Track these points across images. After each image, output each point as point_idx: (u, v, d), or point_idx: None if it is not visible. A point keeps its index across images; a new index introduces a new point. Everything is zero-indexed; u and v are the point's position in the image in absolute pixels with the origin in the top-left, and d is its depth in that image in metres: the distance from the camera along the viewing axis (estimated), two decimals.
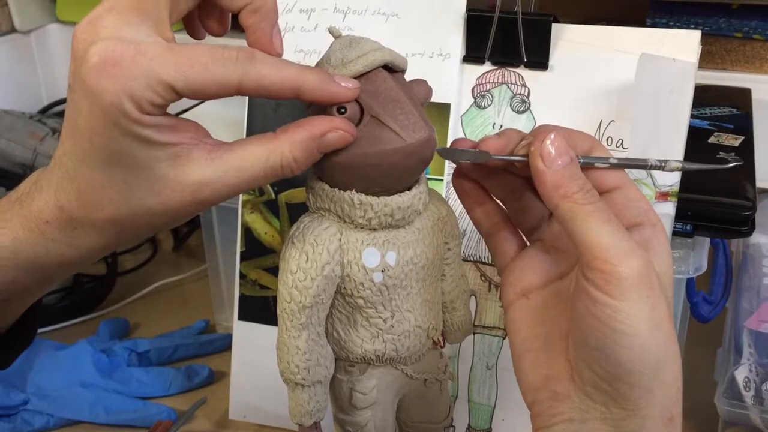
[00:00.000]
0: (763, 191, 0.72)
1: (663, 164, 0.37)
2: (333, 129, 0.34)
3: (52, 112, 1.05)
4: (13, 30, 1.03)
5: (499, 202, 0.41)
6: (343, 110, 0.34)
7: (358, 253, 0.37)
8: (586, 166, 0.36)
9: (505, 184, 0.39)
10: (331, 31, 0.38)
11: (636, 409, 0.33)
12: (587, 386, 0.34)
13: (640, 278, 0.32)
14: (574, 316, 0.34)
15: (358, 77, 0.36)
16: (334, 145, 0.35)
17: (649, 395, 0.33)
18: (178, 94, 0.32)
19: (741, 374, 0.61)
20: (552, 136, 0.34)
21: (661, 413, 0.33)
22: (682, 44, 0.55)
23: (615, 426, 0.34)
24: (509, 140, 0.37)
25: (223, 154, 0.34)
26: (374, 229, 0.37)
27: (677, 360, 0.34)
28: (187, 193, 0.34)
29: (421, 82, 0.38)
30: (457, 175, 0.40)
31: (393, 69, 0.37)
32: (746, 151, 0.65)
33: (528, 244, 0.41)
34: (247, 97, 0.65)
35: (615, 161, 0.36)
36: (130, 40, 0.31)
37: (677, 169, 0.37)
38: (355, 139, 0.35)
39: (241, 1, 0.36)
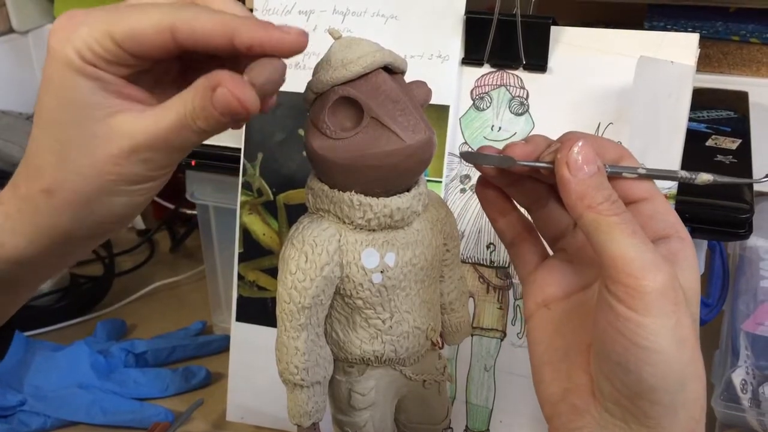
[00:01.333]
0: (761, 194, 0.72)
1: (694, 177, 0.36)
2: (220, 83, 0.32)
3: None
4: (10, 30, 1.03)
5: (523, 210, 0.40)
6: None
7: (357, 254, 0.37)
8: (614, 176, 0.35)
9: (529, 191, 0.39)
10: (331, 32, 0.38)
11: (657, 427, 0.32)
12: (608, 402, 0.33)
13: (664, 293, 0.31)
14: (596, 330, 0.33)
15: (358, 79, 0.36)
16: (224, 105, 0.32)
17: (671, 414, 0.32)
18: (119, 45, 0.32)
19: (738, 377, 0.61)
20: (580, 143, 0.34)
21: None
22: (680, 47, 0.55)
23: None
24: (536, 146, 0.36)
25: (151, 109, 0.34)
26: (373, 230, 0.37)
27: (702, 378, 0.33)
28: (113, 146, 0.33)
29: (420, 84, 0.38)
30: (482, 184, 0.39)
31: (393, 70, 0.37)
32: (743, 154, 0.65)
33: (551, 254, 0.40)
34: None
35: (644, 172, 0.35)
36: (91, 8, 0.33)
37: (709, 182, 0.36)
38: (245, 106, 0.32)
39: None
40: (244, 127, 0.65)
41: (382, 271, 0.37)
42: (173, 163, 0.36)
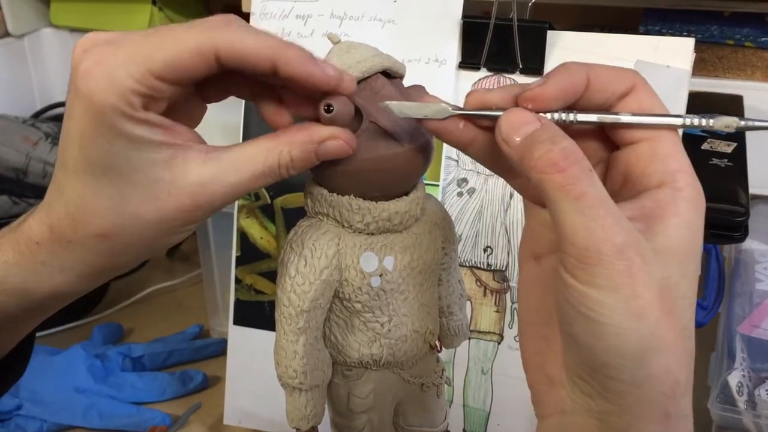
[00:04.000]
0: (756, 197, 0.72)
1: (709, 122, 0.31)
2: (333, 137, 0.33)
3: (46, 117, 1.05)
4: (6, 34, 1.03)
5: None
6: (329, 108, 0.33)
7: (356, 258, 0.37)
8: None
9: (494, 154, 0.34)
10: (329, 37, 0.38)
11: (621, 403, 0.29)
12: (572, 374, 0.31)
13: (612, 263, 0.27)
14: (554, 294, 0.31)
15: (357, 83, 0.36)
16: (333, 153, 0.34)
17: (634, 389, 0.29)
18: (161, 78, 0.31)
19: (734, 379, 0.61)
20: (512, 110, 0.31)
21: (654, 410, 0.29)
22: (676, 51, 0.55)
23: (601, 420, 0.30)
24: (503, 95, 0.33)
25: (220, 154, 0.33)
26: (372, 234, 0.37)
27: (675, 350, 0.29)
28: (184, 196, 0.32)
29: (418, 88, 0.38)
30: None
31: (392, 75, 0.37)
32: (739, 157, 0.65)
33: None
34: (243, 102, 0.65)
35: (628, 118, 0.31)
36: (113, 38, 0.31)
37: (731, 128, 0.31)
38: (354, 150, 0.34)
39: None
40: (241, 131, 0.65)
41: (380, 275, 0.37)
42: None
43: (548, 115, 0.32)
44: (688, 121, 0.32)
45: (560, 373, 0.32)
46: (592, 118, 0.32)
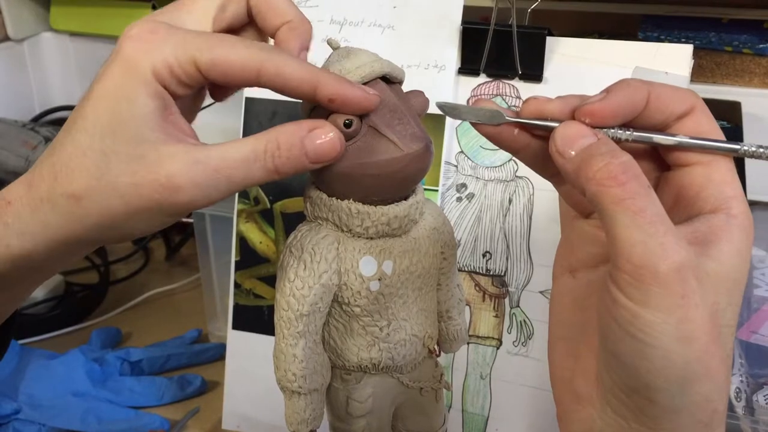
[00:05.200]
0: (754, 203, 0.73)
1: (765, 150, 0.30)
2: (320, 127, 0.33)
3: (45, 121, 1.05)
4: (6, 38, 1.03)
5: None
6: (348, 122, 0.34)
7: (355, 262, 0.37)
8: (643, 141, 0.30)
9: (544, 159, 0.33)
10: (329, 42, 0.38)
11: (657, 428, 0.29)
12: (608, 393, 0.30)
13: (668, 283, 0.27)
14: (598, 310, 0.30)
15: None
16: (322, 148, 0.33)
17: (672, 415, 0.28)
18: (201, 72, 0.32)
19: (732, 385, 0.61)
20: (568, 122, 0.30)
21: None
22: (674, 58, 0.56)
23: None
24: (563, 104, 0.32)
25: (209, 146, 0.33)
26: (371, 238, 0.37)
27: (717, 378, 0.28)
28: (161, 175, 0.32)
29: (418, 93, 0.38)
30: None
31: (391, 80, 0.37)
32: (737, 163, 0.65)
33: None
34: (243, 105, 0.65)
35: (687, 140, 0.30)
36: (173, 22, 0.34)
37: None
38: (342, 154, 0.34)
39: (280, 19, 0.37)
40: (241, 135, 0.65)
41: (379, 279, 0.37)
42: (216, 201, 0.34)
43: (604, 131, 0.31)
44: (746, 149, 0.31)
45: (590, 391, 0.31)
46: (650, 137, 0.31)
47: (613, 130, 0.31)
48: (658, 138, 0.31)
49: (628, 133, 0.31)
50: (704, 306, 0.28)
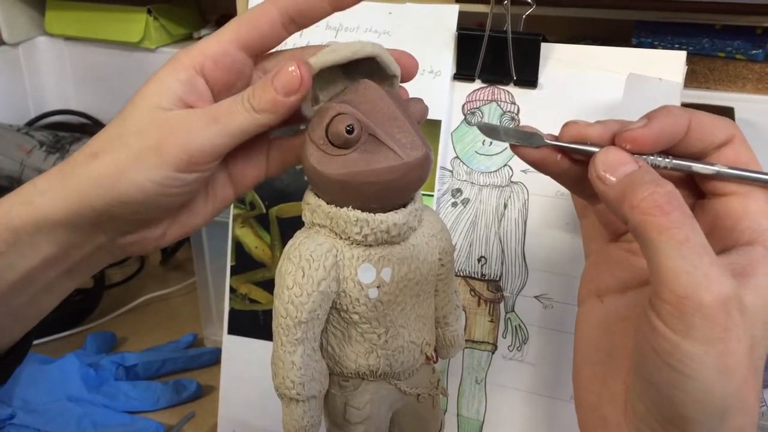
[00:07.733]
0: None
1: None
2: (284, 66, 0.35)
3: (40, 125, 1.04)
4: (1, 42, 1.03)
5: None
6: (350, 128, 0.35)
7: (353, 269, 0.37)
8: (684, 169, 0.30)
9: (581, 180, 0.34)
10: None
11: None
12: (639, 422, 0.30)
13: (712, 315, 0.26)
14: (635, 338, 0.29)
15: (355, 94, 0.36)
16: (285, 78, 0.35)
17: None
18: (242, 47, 0.38)
19: None
20: (609, 148, 0.30)
21: None
22: (668, 64, 0.56)
23: None
24: (604, 129, 0.32)
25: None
26: (370, 246, 0.37)
27: (752, 411, 0.28)
28: (161, 120, 0.35)
29: (417, 101, 0.38)
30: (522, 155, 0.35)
31: (383, 77, 0.37)
32: None
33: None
34: None
35: (722, 170, 0.30)
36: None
37: None
38: (308, 85, 0.36)
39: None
40: None
41: (378, 286, 0.38)
42: (208, 149, 0.36)
43: (643, 157, 0.31)
44: None
45: (618, 417, 0.31)
46: (690, 166, 0.31)
47: (652, 157, 0.31)
48: (697, 167, 0.31)
49: (667, 160, 0.31)
50: (745, 338, 0.27)
